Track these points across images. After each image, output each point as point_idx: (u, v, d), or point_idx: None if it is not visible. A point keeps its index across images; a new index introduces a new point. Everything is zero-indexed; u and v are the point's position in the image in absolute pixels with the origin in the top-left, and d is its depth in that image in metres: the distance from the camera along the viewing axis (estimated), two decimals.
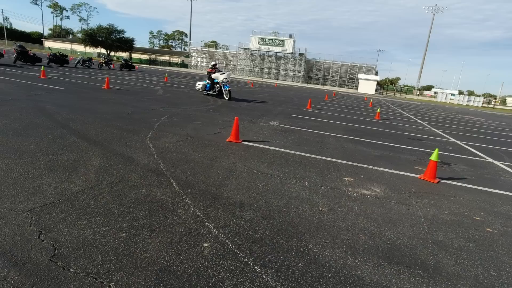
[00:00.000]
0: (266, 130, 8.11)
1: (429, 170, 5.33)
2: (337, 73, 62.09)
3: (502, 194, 5.00)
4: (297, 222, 3.19)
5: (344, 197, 4.02)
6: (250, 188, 3.96)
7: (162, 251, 2.45)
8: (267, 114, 11.23)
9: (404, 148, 8.04)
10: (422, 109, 28.19)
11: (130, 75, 25.23)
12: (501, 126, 18.81)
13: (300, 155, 5.89)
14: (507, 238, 3.40)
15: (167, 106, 10.16)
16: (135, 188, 3.54)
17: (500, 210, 4.26)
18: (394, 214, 3.68)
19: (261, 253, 2.57)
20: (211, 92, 14.77)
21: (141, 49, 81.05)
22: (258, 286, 2.18)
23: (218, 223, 3.00)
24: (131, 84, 17.02)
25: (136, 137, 5.73)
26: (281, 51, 60.14)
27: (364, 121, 12.77)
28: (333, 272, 2.42)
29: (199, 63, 70.16)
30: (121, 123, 6.74)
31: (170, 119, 7.89)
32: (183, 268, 2.28)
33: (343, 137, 8.50)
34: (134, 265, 2.25)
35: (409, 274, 2.51)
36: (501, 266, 2.81)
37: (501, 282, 2.56)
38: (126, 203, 3.16)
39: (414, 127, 12.97)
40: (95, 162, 4.18)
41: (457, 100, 55.52)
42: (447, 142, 9.94)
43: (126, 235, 2.60)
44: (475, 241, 3.24)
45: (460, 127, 15.17)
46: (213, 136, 6.59)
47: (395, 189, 4.60)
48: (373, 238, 3.04)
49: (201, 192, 3.65)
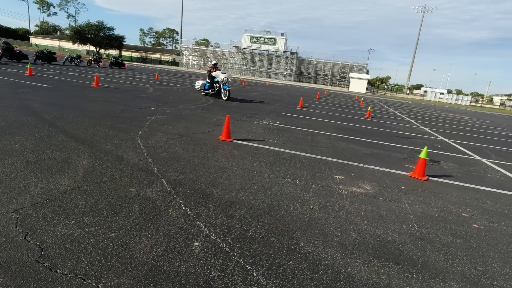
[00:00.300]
0: (258, 128, 8.11)
1: (418, 168, 5.40)
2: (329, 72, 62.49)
3: (488, 191, 5.10)
4: (288, 220, 3.20)
5: (335, 195, 4.05)
6: (241, 186, 3.95)
7: (152, 250, 2.43)
8: (259, 113, 11.23)
9: (394, 146, 8.14)
10: (412, 107, 28.59)
11: (120, 73, 24.91)
12: (488, 125, 19.21)
13: (292, 154, 5.91)
14: (492, 234, 3.47)
15: (157, 105, 10.07)
16: (125, 187, 3.50)
17: (486, 207, 4.35)
18: (384, 212, 3.72)
19: (252, 251, 2.57)
20: (209, 91, 14.26)
21: (131, 46, 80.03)
22: (249, 284, 2.18)
23: (209, 221, 2.98)
24: (121, 82, 16.80)
25: (126, 135, 5.66)
26: (272, 49, 60.17)
27: (355, 120, 12.88)
28: (324, 270, 2.44)
29: (190, 61, 69.71)
30: (111, 122, 6.64)
31: (160, 118, 7.82)
32: (174, 267, 2.27)
33: (334, 135, 8.55)
34: (123, 265, 2.22)
35: (398, 270, 2.54)
36: (487, 261, 2.87)
37: (487, 277, 2.61)
38: (116, 202, 3.12)
39: (404, 126, 13.14)
40: (84, 161, 4.11)
41: (446, 99, 56.49)
42: (436, 140, 10.11)
43: (115, 235, 2.56)
44: (462, 237, 3.30)
45: (448, 126, 15.43)
46: (204, 135, 6.56)
47: (385, 187, 4.65)
48: (363, 235, 3.07)
49: (192, 191, 3.63)
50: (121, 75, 23.21)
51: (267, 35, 60.86)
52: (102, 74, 20.90)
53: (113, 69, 30.07)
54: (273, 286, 2.18)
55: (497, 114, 36.18)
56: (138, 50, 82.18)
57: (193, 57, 69.64)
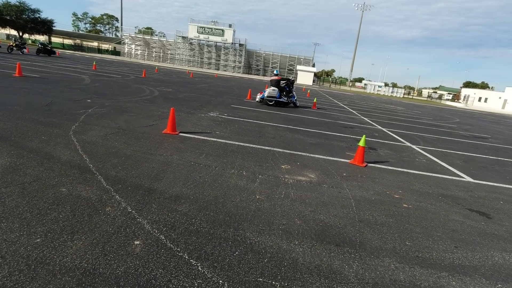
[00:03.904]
0: (205, 121, 7.94)
1: (358, 155, 5.78)
2: (277, 64, 63.61)
3: (416, 174, 5.66)
4: (235, 211, 3.18)
5: (281, 184, 4.14)
6: (186, 180, 3.83)
7: (86, 254, 2.23)
8: (207, 105, 11.01)
9: (337, 135, 8.60)
10: (354, 99, 30.51)
11: (49, 62, 22.43)
12: (417, 115, 21.33)
13: (239, 145, 5.90)
14: (419, 212, 3.86)
15: (95, 97, 9.28)
16: (54, 187, 3.16)
17: (414, 188, 4.82)
18: (327, 198, 3.91)
19: (197, 245, 2.51)
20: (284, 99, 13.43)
21: (63, 32, 72.15)
22: (194, 279, 2.12)
23: (151, 218, 2.84)
24: (51, 72, 15.15)
25: (56, 131, 5.12)
26: (221, 41, 59.27)
27: (302, 111, 13.32)
28: (269, 258, 2.47)
29: (133, 51, 65.49)
30: (37, 116, 5.95)
31: (98, 111, 7.22)
32: (111, 269, 2.11)
33: (282, 126, 8.75)
34: (51, 272, 2.00)
35: (339, 252, 2.69)
36: (414, 236, 3.18)
37: (413, 250, 2.89)
38: (43, 205, 2.80)
39: (347, 116, 13.97)
40: (2, 161, 3.62)
41: (383, 91, 61.45)
42: (374, 129, 10.93)
43: (41, 241, 2.30)
44: (394, 217, 3.61)
45: (385, 116, 16.79)
46: (148, 128, 6.22)
47: (328, 174, 4.89)
48: (307, 221, 3.19)
49: (133, 188, 3.42)
50: (51, 63, 20.92)
51: (214, 26, 59.63)
52: (27, 62, 18.61)
53: (41, 57, 26.96)
54: (218, 278, 2.15)
55: (425, 105, 40.37)
56: (71, 36, 74.56)
57: (136, 47, 65.50)
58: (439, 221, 3.66)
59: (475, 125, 18.70)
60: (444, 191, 4.83)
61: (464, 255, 2.94)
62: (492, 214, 4.12)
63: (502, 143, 11.94)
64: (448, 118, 22.16)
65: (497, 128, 19.10)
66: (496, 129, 18.28)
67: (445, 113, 28.41)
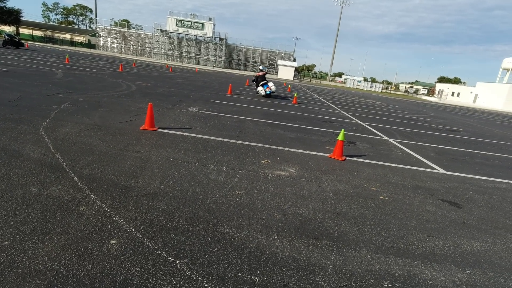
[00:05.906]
0: (185, 116, 7.82)
1: (337, 149, 5.88)
2: (258, 59, 63.44)
3: (393, 167, 5.84)
4: (214, 207, 3.16)
5: (261, 179, 4.15)
6: (165, 177, 3.76)
7: (58, 255, 2.15)
8: (186, 100, 10.83)
9: (317, 130, 8.71)
10: (334, 94, 30.98)
11: (17, 54, 21.30)
12: (395, 109, 21.96)
13: (219, 141, 5.85)
14: (395, 203, 3.99)
15: (68, 92, 8.91)
16: (23, 187, 3.01)
17: (391, 180, 4.97)
18: (306, 192, 3.95)
19: (176, 242, 2.47)
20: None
21: (32, 23, 68.47)
22: (172, 276, 2.09)
23: (128, 216, 2.77)
24: (19, 65, 14.39)
25: (25, 127, 4.88)
26: (201, 34, 58.34)
27: (282, 106, 13.39)
28: (248, 253, 2.48)
29: (109, 44, 63.26)
30: (4, 112, 5.64)
31: (72, 106, 6.94)
32: (85, 270, 2.04)
33: (262, 121, 8.76)
34: (20, 276, 1.91)
35: (317, 245, 2.73)
36: (390, 227, 3.29)
37: (389, 241, 2.99)
38: (10, 206, 2.66)
39: (327, 111, 14.16)
40: None
41: (362, 86, 62.78)
42: (353, 124, 11.15)
43: (9, 243, 2.19)
44: (371, 209, 3.71)
45: (363, 110, 17.16)
46: (125, 124, 6.05)
47: (307, 168, 4.95)
48: (286, 215, 3.22)
49: (109, 185, 3.32)
50: (19, 56, 19.87)
51: (194, 19, 58.53)
52: None
53: (8, 49, 25.56)
54: (197, 275, 2.13)
55: (402, 100, 41.61)
56: (42, 28, 70.99)
57: (112, 40, 63.30)
58: (413, 211, 3.79)
59: (448, 119, 19.50)
60: (419, 183, 5.01)
61: (436, 243, 3.07)
62: (462, 204, 4.32)
63: (472, 136, 12.52)
64: (423, 112, 22.97)
65: (468, 121, 20.00)
66: (467, 122, 19.13)
67: (421, 107, 29.42)
